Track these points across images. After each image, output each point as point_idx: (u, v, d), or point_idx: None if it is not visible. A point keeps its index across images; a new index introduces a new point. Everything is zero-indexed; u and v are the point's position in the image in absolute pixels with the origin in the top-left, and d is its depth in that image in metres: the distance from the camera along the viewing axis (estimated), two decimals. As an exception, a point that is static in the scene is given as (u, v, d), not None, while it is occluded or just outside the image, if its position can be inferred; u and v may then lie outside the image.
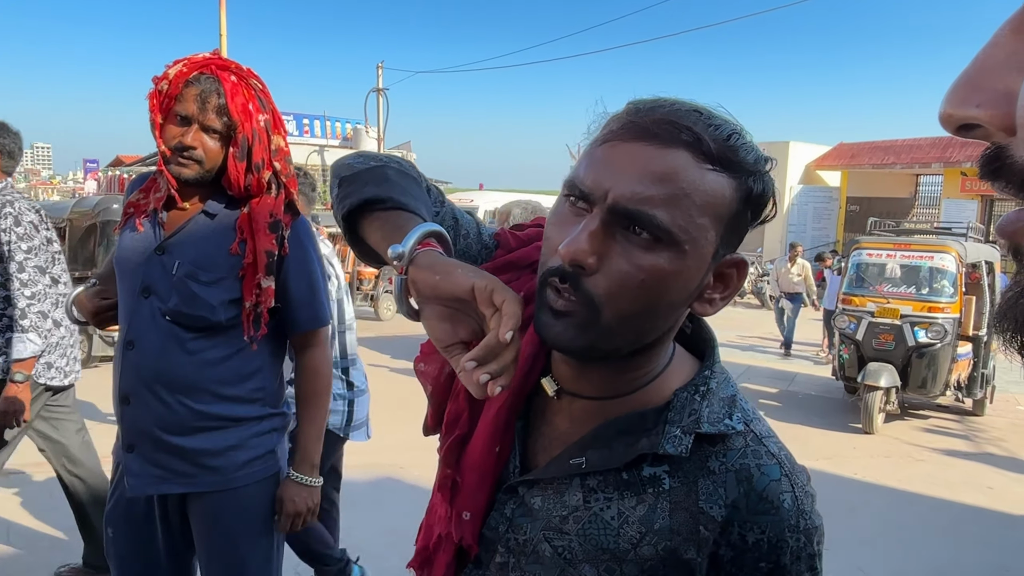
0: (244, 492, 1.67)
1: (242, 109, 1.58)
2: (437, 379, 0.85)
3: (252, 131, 1.59)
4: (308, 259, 1.72)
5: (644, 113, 0.66)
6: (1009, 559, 4.11)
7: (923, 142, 18.56)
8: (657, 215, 0.63)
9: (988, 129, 0.32)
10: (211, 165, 1.59)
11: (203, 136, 1.57)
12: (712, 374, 0.74)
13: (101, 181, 22.87)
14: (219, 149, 1.59)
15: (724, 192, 0.66)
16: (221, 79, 1.56)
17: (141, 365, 1.61)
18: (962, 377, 6.93)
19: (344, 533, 3.82)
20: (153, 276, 1.62)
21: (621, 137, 0.66)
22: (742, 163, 0.66)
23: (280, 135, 1.68)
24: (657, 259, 0.65)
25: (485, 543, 0.79)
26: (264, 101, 1.64)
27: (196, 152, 1.56)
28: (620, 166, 0.65)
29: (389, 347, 9.48)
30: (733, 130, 0.67)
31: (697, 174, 0.64)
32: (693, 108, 0.67)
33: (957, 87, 0.32)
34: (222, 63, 1.60)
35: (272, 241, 1.63)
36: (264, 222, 1.63)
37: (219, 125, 1.57)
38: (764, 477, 0.68)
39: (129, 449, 1.64)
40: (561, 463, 0.74)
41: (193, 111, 1.55)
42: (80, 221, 7.76)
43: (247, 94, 1.60)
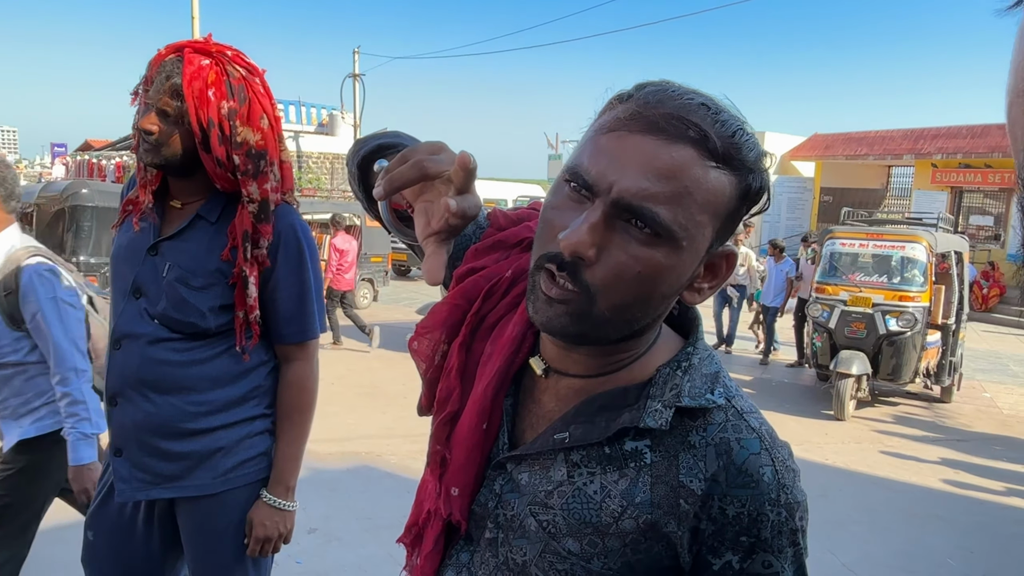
0: (234, 495, 1.62)
1: (198, 93, 1.49)
2: (431, 359, 0.85)
3: (208, 119, 1.49)
4: (299, 268, 1.64)
5: (653, 105, 0.66)
6: (974, 542, 4.22)
7: (895, 134, 18.83)
8: (660, 212, 0.64)
9: None
10: (170, 152, 1.52)
11: (158, 118, 1.50)
12: (695, 351, 0.75)
13: (70, 166, 22.42)
14: (172, 133, 1.51)
15: (725, 190, 0.67)
16: (186, 61, 1.49)
17: (127, 365, 1.56)
18: (931, 365, 7.08)
19: (321, 520, 3.81)
20: (144, 277, 1.57)
21: (628, 128, 0.66)
22: (744, 160, 0.67)
23: (251, 127, 1.56)
24: (654, 253, 0.65)
25: (475, 519, 0.79)
26: (235, 88, 1.53)
27: (153, 136, 1.50)
28: (626, 159, 0.65)
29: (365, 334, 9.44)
30: (739, 127, 0.67)
31: (701, 172, 0.65)
32: (701, 102, 0.66)
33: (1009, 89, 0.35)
34: (201, 46, 1.53)
35: (243, 254, 1.56)
36: (240, 232, 1.56)
37: (171, 108, 1.49)
38: (744, 451, 0.69)
39: (117, 453, 1.59)
40: (546, 439, 0.75)
41: (152, 94, 1.50)
42: (48, 206, 7.58)
43: (212, 79, 1.50)
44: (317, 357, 1.73)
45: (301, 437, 1.69)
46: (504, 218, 0.92)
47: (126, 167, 15.91)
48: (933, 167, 17.57)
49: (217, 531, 1.62)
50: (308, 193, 16.23)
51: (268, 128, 1.60)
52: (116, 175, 16.46)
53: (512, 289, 0.83)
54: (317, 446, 4.90)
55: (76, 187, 7.61)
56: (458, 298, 0.84)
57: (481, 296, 0.83)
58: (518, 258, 0.86)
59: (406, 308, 12.06)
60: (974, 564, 3.96)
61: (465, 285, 0.85)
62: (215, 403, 1.59)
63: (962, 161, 16.72)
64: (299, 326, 1.66)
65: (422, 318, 0.86)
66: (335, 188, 21.51)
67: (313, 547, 3.55)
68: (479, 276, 0.85)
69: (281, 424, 1.68)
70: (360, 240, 11.80)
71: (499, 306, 0.83)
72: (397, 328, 9.83)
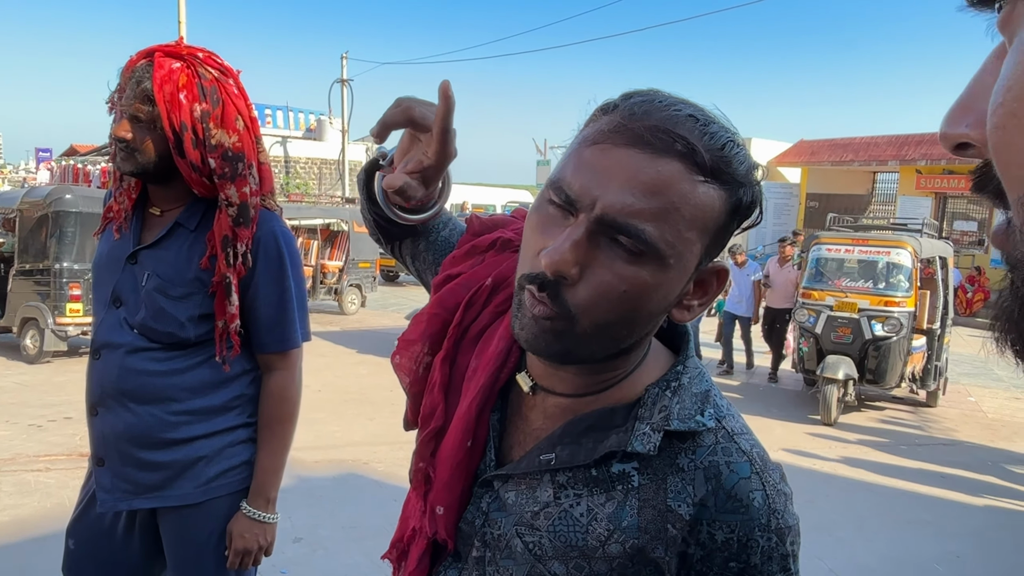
0: (216, 505, 1.59)
1: (170, 97, 1.46)
2: (414, 372, 0.83)
3: (180, 122, 1.47)
4: (279, 275, 1.61)
5: (639, 117, 0.63)
6: (961, 546, 4.23)
7: (880, 140, 18.99)
8: (646, 230, 0.61)
9: (979, 148, 0.34)
10: (145, 158, 1.49)
11: (131, 125, 1.48)
12: (685, 369, 0.73)
13: (55, 171, 22.22)
14: (146, 139, 1.48)
15: (714, 205, 0.64)
16: (156, 65, 1.47)
17: (107, 375, 1.54)
18: (916, 369, 7.12)
19: (307, 530, 3.78)
20: (124, 286, 1.55)
21: (612, 140, 0.63)
22: (734, 174, 0.64)
23: (227, 130, 1.53)
24: (640, 272, 0.63)
25: (463, 536, 0.77)
26: (208, 90, 1.51)
27: (127, 144, 1.48)
28: (610, 174, 0.62)
29: (352, 341, 9.40)
30: (728, 139, 0.64)
31: (688, 187, 0.62)
32: (689, 114, 0.64)
33: (952, 111, 0.35)
34: (172, 49, 1.51)
35: (224, 260, 1.53)
36: (220, 237, 1.53)
37: (142, 114, 1.47)
38: (733, 475, 0.67)
39: (99, 463, 1.57)
40: (532, 459, 0.73)
41: (123, 100, 1.48)
42: (31, 211, 7.50)
43: (184, 81, 1.48)
44: (300, 366, 1.70)
45: (282, 448, 1.66)
46: (479, 224, 0.90)
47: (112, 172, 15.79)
48: (918, 173, 17.74)
49: (199, 541, 1.59)
50: (295, 198, 16.17)
51: (244, 130, 1.57)
52: (102, 180, 16.33)
53: (493, 298, 0.82)
54: (303, 454, 4.86)
55: (60, 192, 7.54)
56: (436, 307, 0.82)
57: (462, 306, 0.81)
58: (493, 261, 0.84)
59: (394, 314, 12.02)
60: (961, 569, 3.97)
61: (442, 294, 0.83)
62: (196, 412, 1.56)
63: (946, 167, 16.90)
64: (280, 335, 1.63)
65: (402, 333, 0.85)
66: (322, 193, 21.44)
67: (299, 556, 3.52)
68: (456, 284, 0.84)
69: (262, 435, 1.64)
70: (348, 246, 11.78)
71: (482, 316, 0.81)
72: (385, 334, 9.79)
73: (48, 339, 7.23)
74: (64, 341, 7.35)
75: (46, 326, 7.20)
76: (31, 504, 3.97)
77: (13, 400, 6.04)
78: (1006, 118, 0.29)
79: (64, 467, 4.53)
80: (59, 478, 4.34)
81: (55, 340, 7.27)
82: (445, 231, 0.98)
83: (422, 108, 0.79)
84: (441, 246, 0.96)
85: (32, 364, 7.34)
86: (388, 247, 1.01)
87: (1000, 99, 0.29)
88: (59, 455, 4.77)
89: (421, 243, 0.98)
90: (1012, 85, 0.29)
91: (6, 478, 4.34)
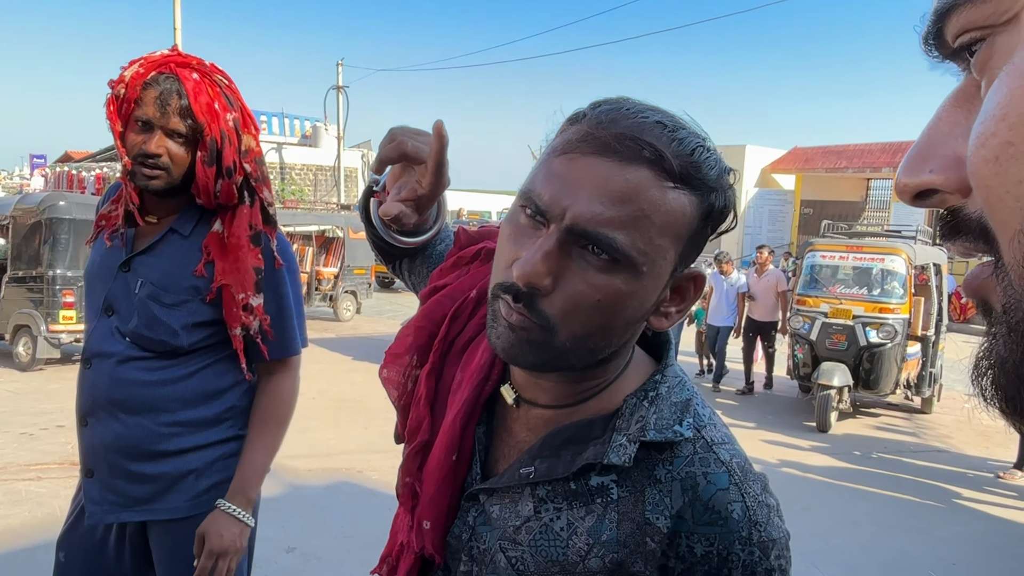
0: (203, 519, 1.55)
1: (207, 109, 1.47)
2: (402, 386, 0.82)
3: (220, 132, 1.49)
4: (279, 279, 1.60)
5: (605, 125, 0.63)
6: (956, 553, 4.23)
7: (874, 147, 19.10)
8: (617, 238, 0.61)
9: (943, 194, 0.34)
10: (178, 172, 1.49)
11: (167, 142, 1.46)
12: (664, 378, 0.72)
13: (49, 177, 22.16)
14: (186, 154, 1.48)
15: (685, 211, 0.64)
16: (182, 78, 1.46)
17: (98, 384, 1.52)
18: (911, 376, 7.13)
19: (300, 539, 3.75)
20: (116, 294, 1.53)
21: (580, 150, 0.63)
22: (705, 179, 0.64)
23: (251, 134, 1.56)
24: (613, 280, 0.63)
25: (450, 550, 0.77)
26: (231, 98, 1.53)
27: (161, 160, 1.46)
28: (579, 183, 0.62)
29: (347, 347, 9.38)
30: (698, 143, 0.64)
31: (658, 193, 0.62)
32: (657, 120, 0.63)
33: (910, 159, 0.35)
34: (182, 60, 1.49)
35: (258, 255, 1.53)
36: (245, 236, 1.52)
37: (183, 128, 1.46)
38: (711, 486, 0.66)
39: (88, 474, 1.55)
40: (512, 472, 0.72)
41: (154, 115, 1.44)
42: (24, 218, 7.48)
43: (212, 92, 1.49)
44: (298, 372, 1.69)
45: (272, 448, 1.63)
46: (466, 236, 0.91)
47: (106, 179, 15.76)
48: (911, 180, 17.79)
49: (189, 555, 1.56)
50: (291, 205, 16.16)
51: (255, 132, 1.60)
52: (96, 187, 16.30)
53: (478, 310, 0.81)
54: (296, 462, 4.84)
55: (53, 199, 7.52)
56: (422, 320, 0.82)
57: (448, 318, 0.81)
58: (477, 272, 0.84)
59: (389, 320, 12.01)
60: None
61: (428, 306, 0.83)
62: (187, 424, 1.54)
63: (939, 174, 16.94)
64: (279, 343, 1.61)
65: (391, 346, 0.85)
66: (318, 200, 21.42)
67: (292, 566, 3.50)
68: (441, 296, 0.83)
69: (254, 431, 1.60)
70: (343, 253, 11.77)
71: (467, 328, 0.81)
72: (380, 341, 9.77)
73: (41, 346, 7.20)
74: (57, 348, 7.32)
75: (39, 333, 7.16)
76: (21, 514, 3.94)
77: (5, 408, 6.01)
78: (1000, 148, 0.29)
79: (56, 476, 4.50)
80: (50, 487, 4.31)
81: (48, 347, 7.23)
82: (441, 246, 0.98)
83: (415, 142, 0.81)
84: (436, 260, 0.97)
85: (24, 372, 7.31)
86: (390, 266, 1.03)
87: (993, 128, 0.29)
88: (51, 464, 4.74)
89: (418, 258, 0.99)
90: (1007, 114, 0.29)
91: (-3, 487, 4.30)
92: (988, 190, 0.30)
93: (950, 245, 0.35)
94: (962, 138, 0.33)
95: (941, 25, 0.33)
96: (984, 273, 0.34)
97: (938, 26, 0.34)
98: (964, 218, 0.33)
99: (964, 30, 0.32)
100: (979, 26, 0.31)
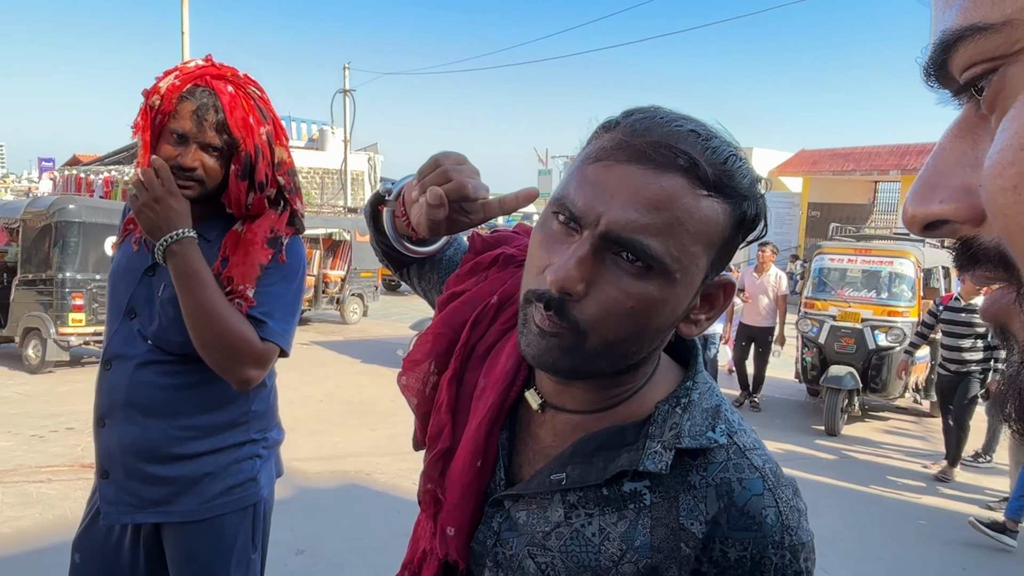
0: (220, 522, 1.57)
1: (243, 124, 1.48)
2: (421, 392, 0.83)
3: (255, 147, 1.50)
4: (278, 274, 1.58)
5: (640, 133, 0.63)
6: (966, 558, 4.21)
7: (882, 150, 19.03)
8: (651, 245, 0.61)
9: (954, 224, 0.34)
10: (212, 184, 1.50)
11: (203, 155, 1.47)
12: (695, 385, 0.72)
13: (57, 181, 22.27)
14: (220, 167, 1.49)
15: (718, 219, 0.64)
16: (218, 91, 1.47)
17: (117, 386, 1.53)
18: (920, 379, 7.11)
19: (309, 541, 3.76)
20: (139, 297, 1.55)
21: (615, 158, 0.63)
22: (737, 188, 0.64)
23: (283, 146, 1.58)
24: (647, 287, 0.63)
25: (474, 556, 0.77)
26: (264, 111, 1.54)
27: (196, 173, 1.47)
28: (613, 190, 0.62)
29: (354, 350, 9.39)
30: (731, 152, 0.64)
31: (692, 201, 0.62)
32: (691, 129, 0.64)
33: (917, 190, 0.35)
34: (217, 72, 1.50)
35: (268, 256, 1.55)
36: (262, 238, 1.54)
37: (219, 143, 1.47)
38: (746, 491, 0.66)
39: (104, 475, 1.56)
40: (542, 478, 0.72)
41: (190, 129, 1.45)
42: (34, 221, 7.52)
43: (247, 106, 1.50)
44: (271, 367, 1.61)
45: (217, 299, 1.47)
46: (481, 241, 0.91)
47: (114, 182, 15.82)
48: (919, 182, 17.73)
49: (203, 557, 1.58)
50: (298, 208, 16.17)
51: (287, 143, 1.62)
52: (104, 190, 16.36)
53: (499, 315, 0.82)
54: (305, 465, 4.85)
55: (63, 203, 7.56)
56: (441, 327, 0.83)
57: (469, 324, 0.81)
58: (496, 278, 0.85)
59: (396, 323, 12.02)
60: (966, 581, 3.95)
61: (447, 312, 0.84)
62: (203, 427, 1.55)
63: (947, 177, 16.88)
64: (266, 327, 1.54)
65: (413, 337, 0.85)
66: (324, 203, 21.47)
67: (302, 569, 3.50)
68: (460, 302, 0.84)
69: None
70: (350, 256, 11.79)
71: (488, 333, 0.81)
72: (387, 344, 9.78)
73: (50, 349, 7.23)
74: (66, 351, 7.35)
75: (48, 336, 7.20)
76: (32, 515, 3.95)
77: (15, 411, 6.03)
78: (1018, 178, 0.29)
79: (66, 478, 4.52)
80: (61, 489, 4.33)
81: (57, 350, 7.26)
82: (449, 251, 0.99)
83: (474, 183, 0.78)
84: (446, 265, 0.98)
85: (34, 374, 7.34)
86: (397, 273, 1.03)
87: (1011, 158, 0.29)
88: (61, 466, 4.76)
89: (427, 264, 0.99)
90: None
91: (8, 489, 4.33)
92: (1007, 219, 0.30)
93: (968, 275, 0.35)
94: (969, 168, 0.33)
95: (946, 57, 0.33)
96: (1004, 299, 0.34)
97: (943, 57, 0.33)
98: (981, 247, 0.33)
99: (972, 63, 0.32)
100: (989, 58, 0.31)
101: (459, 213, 0.79)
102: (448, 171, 0.78)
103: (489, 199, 0.80)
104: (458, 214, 0.79)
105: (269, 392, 1.66)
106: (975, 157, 0.32)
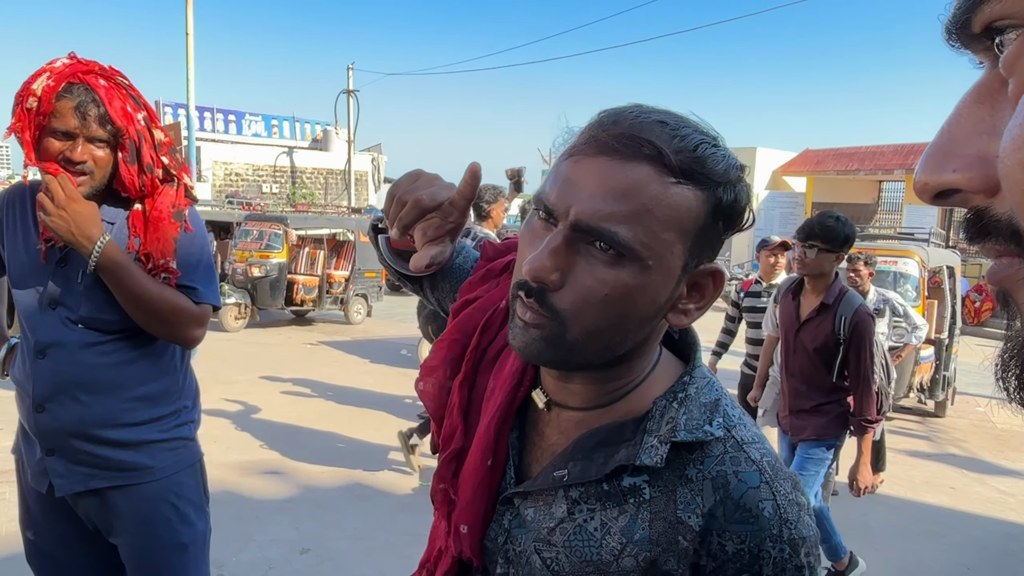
0: (163, 484, 1.70)
1: (122, 113, 1.57)
2: (437, 398, 0.85)
3: (137, 133, 1.60)
4: (191, 242, 1.71)
5: (607, 127, 0.66)
6: (971, 558, 4.20)
7: (886, 149, 18.99)
8: (619, 232, 0.63)
9: (966, 194, 0.33)
10: (102, 175, 1.59)
11: (91, 148, 1.56)
12: (692, 379, 0.73)
13: (62, 181, 22.32)
14: (108, 157, 1.59)
15: (690, 205, 0.65)
16: (93, 87, 1.54)
17: (58, 372, 1.61)
18: (924, 379, 7.08)
19: (315, 540, 3.77)
20: (58, 288, 1.62)
21: (584, 152, 0.66)
22: (709, 174, 0.65)
23: (159, 128, 1.68)
24: (620, 274, 0.65)
25: (487, 553, 0.79)
26: (136, 98, 1.63)
27: (86, 165, 1.55)
28: (582, 182, 0.65)
29: (358, 350, 9.41)
30: (701, 140, 0.65)
31: (659, 188, 0.64)
32: (658, 119, 0.65)
33: (930, 156, 0.34)
34: (86, 68, 1.56)
35: (177, 228, 1.67)
36: (168, 213, 1.66)
37: (104, 134, 1.56)
38: (742, 484, 0.66)
39: (50, 453, 1.65)
40: (546, 475, 0.74)
41: (75, 125, 1.52)
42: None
43: (121, 96, 1.59)
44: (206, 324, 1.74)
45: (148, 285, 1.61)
46: (493, 249, 0.94)
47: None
48: (924, 182, 17.69)
49: (153, 517, 1.70)
50: (302, 208, 16.21)
51: (158, 123, 1.71)
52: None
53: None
54: (310, 464, 4.87)
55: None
56: (455, 333, 0.85)
57: (479, 329, 0.83)
58: (508, 283, 0.86)
59: (400, 323, 12.03)
60: (971, 581, 3.94)
61: (461, 319, 0.86)
62: (142, 399, 1.67)
63: (952, 176, 16.83)
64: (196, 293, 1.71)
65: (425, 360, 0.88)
66: (328, 203, 21.52)
67: (306, 568, 3.51)
68: (473, 308, 0.86)
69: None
70: (354, 256, 11.81)
71: (498, 337, 0.83)
72: (391, 344, 9.80)
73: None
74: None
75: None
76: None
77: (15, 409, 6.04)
78: None
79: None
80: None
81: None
82: (459, 259, 1.02)
83: (426, 192, 0.85)
84: (456, 273, 1.00)
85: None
86: (413, 289, 1.07)
87: None
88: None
89: (437, 275, 1.02)
90: None
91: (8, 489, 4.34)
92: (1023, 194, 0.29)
93: (978, 247, 0.34)
94: (986, 136, 0.32)
95: (970, 15, 0.32)
96: (1012, 267, 0.33)
97: (967, 15, 0.32)
98: (993, 219, 0.33)
99: (998, 18, 0.31)
100: (1013, 14, 0.30)
101: (440, 222, 0.85)
102: (400, 198, 0.85)
103: (453, 196, 0.85)
104: (439, 224, 0.85)
105: (188, 369, 1.83)
106: (993, 125, 0.31)
